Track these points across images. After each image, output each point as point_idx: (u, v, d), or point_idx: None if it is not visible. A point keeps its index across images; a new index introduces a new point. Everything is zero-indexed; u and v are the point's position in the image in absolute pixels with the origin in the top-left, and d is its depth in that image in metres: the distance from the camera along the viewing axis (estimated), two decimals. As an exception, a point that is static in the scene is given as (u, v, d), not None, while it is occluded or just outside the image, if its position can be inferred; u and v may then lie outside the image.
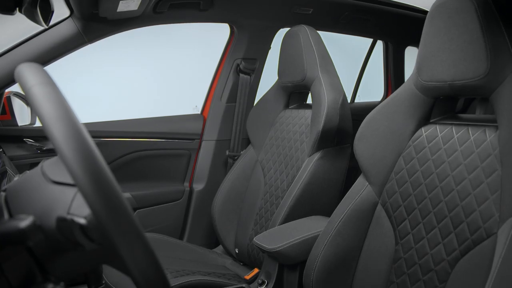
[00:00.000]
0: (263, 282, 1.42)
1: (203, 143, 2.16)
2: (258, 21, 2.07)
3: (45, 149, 1.79)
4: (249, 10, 1.99)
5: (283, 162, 1.83)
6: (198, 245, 2.02)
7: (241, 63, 2.12)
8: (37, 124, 1.81)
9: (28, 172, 0.64)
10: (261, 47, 2.15)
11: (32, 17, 1.10)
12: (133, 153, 2.01)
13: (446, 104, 1.16)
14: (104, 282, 0.96)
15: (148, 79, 3.08)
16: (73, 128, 0.47)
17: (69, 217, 0.49)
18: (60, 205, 0.53)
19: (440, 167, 1.08)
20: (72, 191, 0.55)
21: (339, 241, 1.21)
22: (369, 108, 1.29)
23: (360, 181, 1.25)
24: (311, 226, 1.43)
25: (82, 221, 0.50)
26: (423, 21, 1.12)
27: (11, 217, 0.56)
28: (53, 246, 0.54)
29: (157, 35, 2.71)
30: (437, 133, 1.12)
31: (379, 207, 1.20)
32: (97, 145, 0.47)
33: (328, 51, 1.81)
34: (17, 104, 1.79)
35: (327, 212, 1.34)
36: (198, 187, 2.13)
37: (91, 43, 1.69)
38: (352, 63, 2.93)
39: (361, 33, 2.52)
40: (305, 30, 1.79)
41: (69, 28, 1.62)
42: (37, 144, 1.79)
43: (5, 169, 1.31)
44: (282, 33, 1.97)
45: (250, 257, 1.82)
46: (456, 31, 1.01)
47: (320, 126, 1.60)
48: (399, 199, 1.16)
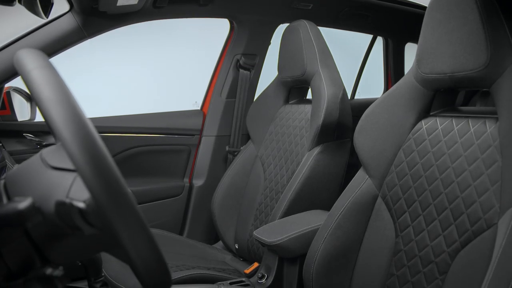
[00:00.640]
0: (263, 275, 1.42)
1: (203, 139, 2.16)
2: (258, 16, 2.07)
3: (44, 144, 1.79)
4: (249, 5, 1.99)
5: (283, 157, 1.83)
6: (198, 240, 2.02)
7: (241, 59, 2.12)
8: (37, 119, 1.81)
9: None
10: (261, 42, 2.15)
11: (31, 9, 1.10)
12: (133, 149, 2.01)
13: (446, 96, 1.16)
14: (103, 274, 0.96)
15: (148, 78, 3.08)
16: (72, 110, 0.47)
17: (68, 201, 0.49)
18: (59, 190, 0.53)
19: (440, 159, 1.08)
20: (71, 176, 0.54)
21: (339, 234, 1.21)
22: (369, 104, 1.28)
23: (360, 174, 1.25)
24: (311, 219, 1.43)
25: (81, 205, 0.49)
26: (423, 17, 1.12)
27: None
28: (51, 231, 0.53)
29: (156, 33, 2.71)
30: (437, 125, 1.12)
31: (379, 200, 1.20)
32: None
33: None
34: (17, 99, 1.79)
35: (327, 206, 1.34)
36: (198, 182, 2.13)
37: (91, 38, 1.69)
38: (351, 62, 2.93)
39: (361, 29, 2.52)
40: (305, 25, 1.79)
41: (68, 22, 1.62)
42: (37, 139, 1.79)
43: (5, 163, 1.31)
44: (282, 29, 1.96)
45: (250, 253, 1.82)
46: (456, 23, 1.01)
47: (320, 120, 1.60)
48: (399, 191, 1.16)
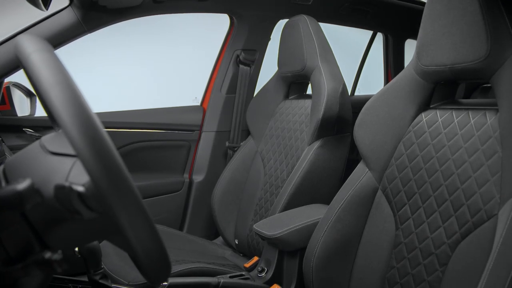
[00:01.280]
0: (263, 269, 1.42)
1: (203, 135, 2.16)
2: (257, 11, 2.06)
3: None
4: (249, 0, 1.99)
5: (282, 152, 1.83)
6: (198, 236, 2.02)
7: (241, 54, 2.12)
8: (37, 114, 1.81)
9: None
10: (260, 38, 2.15)
11: (31, 1, 1.10)
12: (133, 144, 2.00)
13: (446, 89, 1.15)
14: (102, 267, 0.96)
15: (147, 77, 3.08)
16: (72, 93, 0.47)
17: (67, 184, 0.49)
18: (58, 174, 0.53)
19: (440, 151, 1.07)
20: (70, 160, 0.54)
21: (339, 227, 1.21)
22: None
23: (360, 167, 1.25)
24: (311, 213, 1.43)
25: (80, 189, 0.49)
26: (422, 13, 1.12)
27: None
28: (50, 215, 0.53)
29: (155, 29, 2.71)
30: (437, 118, 1.12)
31: (379, 193, 1.20)
32: None
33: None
34: (17, 94, 1.79)
35: (327, 201, 1.33)
36: (197, 178, 2.13)
37: (91, 32, 1.69)
38: (351, 61, 2.93)
39: (360, 25, 2.51)
40: (305, 19, 1.79)
41: (68, 17, 1.61)
42: (37, 134, 1.79)
43: (5, 158, 1.31)
44: (282, 25, 1.96)
45: (250, 248, 1.82)
46: (456, 14, 1.01)
47: (320, 114, 1.60)
48: (399, 184, 1.15)
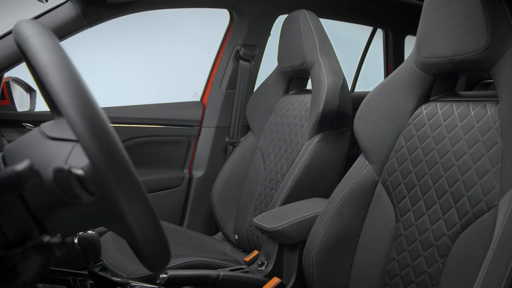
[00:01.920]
0: (263, 263, 1.42)
1: (203, 130, 2.16)
2: (257, 7, 2.06)
3: None
4: None
5: (282, 147, 1.82)
6: (197, 231, 2.02)
7: (241, 50, 2.11)
8: (36, 109, 1.80)
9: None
10: (260, 33, 2.14)
11: (31, -7, 1.09)
12: (132, 140, 2.00)
13: (446, 82, 1.15)
14: (102, 259, 0.96)
15: (147, 77, 3.08)
16: (71, 74, 0.47)
17: (67, 167, 0.49)
18: (57, 158, 0.53)
19: (440, 143, 1.07)
20: (70, 145, 0.55)
21: (339, 220, 1.21)
22: None
23: (360, 160, 1.25)
24: (311, 207, 1.43)
25: (79, 172, 0.49)
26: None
27: None
28: (50, 199, 0.53)
29: (153, 25, 2.71)
30: (437, 110, 1.12)
31: (379, 185, 1.20)
32: None
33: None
34: (17, 90, 1.78)
35: (327, 195, 1.33)
36: (197, 174, 2.13)
37: (90, 27, 1.68)
38: (350, 60, 2.93)
39: (360, 21, 2.51)
40: (304, 14, 1.79)
41: (68, 11, 1.61)
42: (36, 129, 1.79)
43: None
44: (282, 21, 1.96)
45: (249, 243, 1.82)
46: (456, 6, 1.01)
47: (320, 108, 1.60)
48: (399, 177, 1.15)
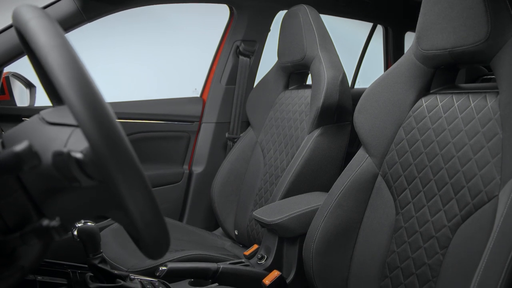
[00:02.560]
0: (263, 257, 1.42)
1: (203, 126, 2.16)
2: (257, 2, 2.06)
3: None
4: None
5: (282, 141, 1.82)
6: (197, 227, 2.02)
7: (241, 45, 2.11)
8: (36, 104, 1.80)
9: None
10: (260, 29, 2.14)
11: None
12: (132, 135, 2.00)
13: (446, 74, 1.15)
14: (101, 251, 0.95)
15: (147, 73, 3.08)
16: (70, 56, 0.47)
17: (66, 150, 0.49)
18: (56, 142, 0.53)
19: (440, 135, 1.07)
20: (69, 129, 0.54)
21: (339, 213, 1.21)
22: None
23: (360, 153, 1.25)
24: (311, 200, 1.43)
25: (78, 155, 0.49)
26: None
27: None
28: (49, 184, 0.53)
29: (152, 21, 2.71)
30: (437, 102, 1.11)
31: (379, 178, 1.20)
32: None
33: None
34: (16, 85, 1.78)
35: (327, 189, 1.33)
36: (197, 169, 2.12)
37: (90, 22, 1.68)
38: (350, 60, 2.92)
39: (360, 17, 2.51)
40: (304, 9, 1.78)
41: (68, 5, 1.61)
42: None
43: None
44: (281, 17, 1.96)
45: (249, 238, 1.82)
46: None
47: (320, 102, 1.60)
48: (399, 169, 1.15)
